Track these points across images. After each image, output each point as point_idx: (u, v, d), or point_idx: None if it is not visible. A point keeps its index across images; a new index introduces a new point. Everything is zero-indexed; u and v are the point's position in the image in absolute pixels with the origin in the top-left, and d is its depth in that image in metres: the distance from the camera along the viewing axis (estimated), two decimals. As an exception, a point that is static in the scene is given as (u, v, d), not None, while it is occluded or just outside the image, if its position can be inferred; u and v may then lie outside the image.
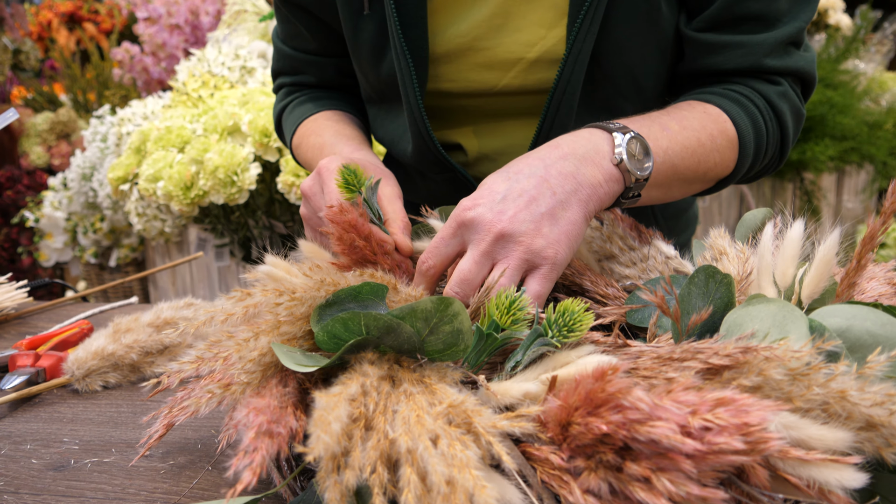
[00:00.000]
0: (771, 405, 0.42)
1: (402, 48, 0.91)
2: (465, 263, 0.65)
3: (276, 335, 0.53)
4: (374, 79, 1.01)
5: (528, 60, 0.92)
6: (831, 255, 0.55)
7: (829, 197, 3.40)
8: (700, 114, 0.86)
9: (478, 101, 0.98)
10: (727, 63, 0.91)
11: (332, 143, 0.99)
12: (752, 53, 0.90)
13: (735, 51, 0.90)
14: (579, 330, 0.51)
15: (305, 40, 1.10)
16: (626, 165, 0.72)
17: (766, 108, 0.91)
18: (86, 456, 0.69)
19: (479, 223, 0.66)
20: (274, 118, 1.21)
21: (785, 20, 0.89)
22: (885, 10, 4.13)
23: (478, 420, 0.45)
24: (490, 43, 0.93)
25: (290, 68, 1.17)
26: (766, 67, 0.91)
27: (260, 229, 2.04)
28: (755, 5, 0.88)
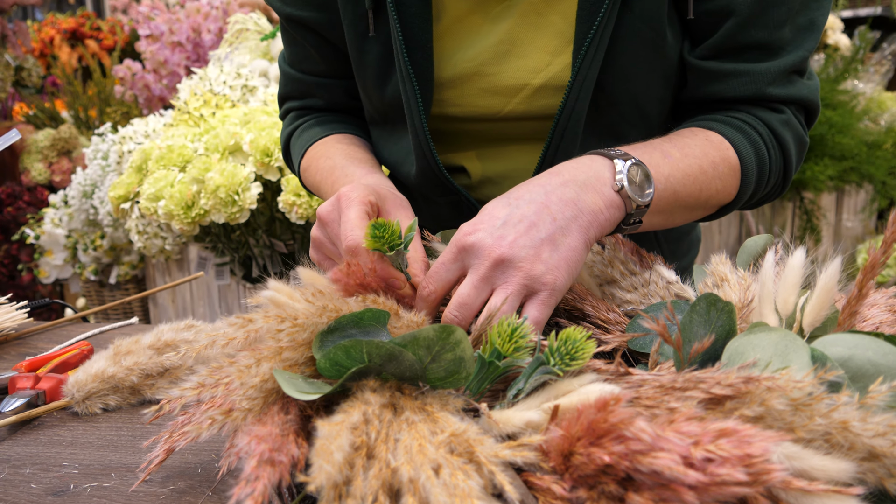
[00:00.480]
0: (773, 436, 0.42)
1: (408, 72, 0.91)
2: (464, 288, 0.65)
3: (278, 361, 0.53)
4: (379, 100, 1.02)
5: (534, 87, 0.93)
6: (833, 283, 0.55)
7: (829, 216, 3.40)
8: (702, 141, 0.87)
9: (482, 125, 0.98)
10: (730, 91, 0.91)
11: (342, 166, 0.98)
12: (755, 82, 0.90)
13: (738, 79, 0.90)
14: (581, 358, 0.51)
15: (313, 62, 1.10)
16: (627, 192, 0.72)
17: (769, 136, 0.92)
18: (85, 480, 0.69)
19: (479, 248, 0.66)
20: (282, 144, 1.20)
21: (788, 49, 0.90)
22: (883, 31, 4.16)
23: (480, 449, 0.45)
24: (495, 69, 0.93)
25: (297, 92, 1.16)
26: (770, 96, 0.91)
27: (260, 248, 2.05)
28: (759, 34, 0.88)
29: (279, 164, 1.91)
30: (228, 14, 3.53)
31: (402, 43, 0.90)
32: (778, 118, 0.92)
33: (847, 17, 4.62)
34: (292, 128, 1.16)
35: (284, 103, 1.20)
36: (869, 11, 4.81)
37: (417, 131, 0.95)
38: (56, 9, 7.62)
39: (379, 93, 1.00)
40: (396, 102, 0.99)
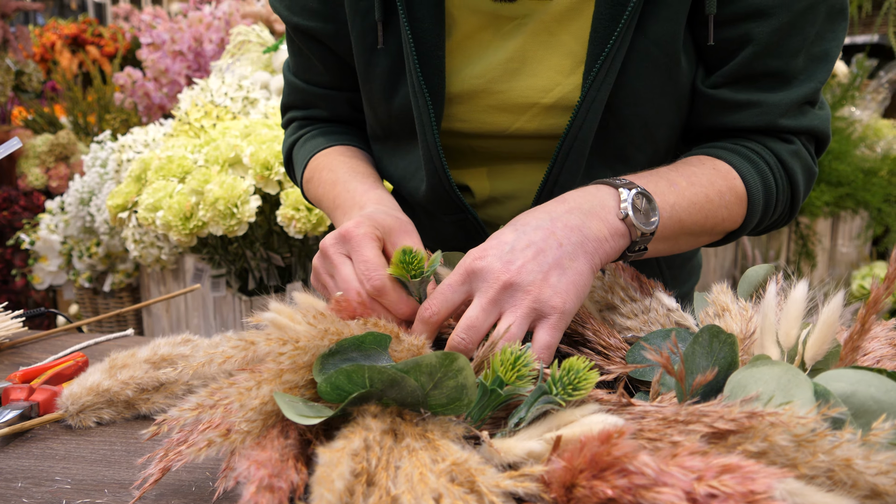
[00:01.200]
0: (776, 472, 0.42)
1: (421, 86, 0.91)
2: (472, 311, 0.65)
3: (279, 384, 0.53)
4: (385, 113, 1.01)
5: (543, 106, 0.93)
6: (835, 317, 0.55)
7: (825, 241, 3.42)
8: (709, 170, 0.87)
9: (489, 142, 0.98)
10: (743, 122, 0.92)
11: (345, 181, 0.98)
12: (767, 113, 0.90)
13: (751, 110, 0.91)
14: (584, 388, 0.51)
15: (318, 73, 1.09)
16: (632, 220, 0.73)
17: (777, 166, 0.92)
18: (78, 496, 0.68)
19: (487, 272, 0.67)
20: (283, 153, 1.20)
21: (801, 78, 0.90)
22: (880, 59, 4.19)
23: (481, 479, 0.45)
24: (505, 86, 0.93)
25: (301, 102, 1.16)
26: (781, 127, 0.91)
27: (257, 261, 2.04)
28: (774, 63, 0.88)
29: (279, 178, 1.90)
30: (231, 25, 3.54)
31: (416, 57, 0.90)
32: (787, 148, 0.93)
33: (844, 44, 4.65)
34: (295, 137, 1.15)
35: (287, 112, 1.20)
36: (866, 39, 4.85)
37: (430, 146, 0.94)
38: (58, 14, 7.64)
39: (385, 105, 0.99)
40: (403, 116, 0.98)
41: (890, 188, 3.23)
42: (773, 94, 0.90)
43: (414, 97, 0.93)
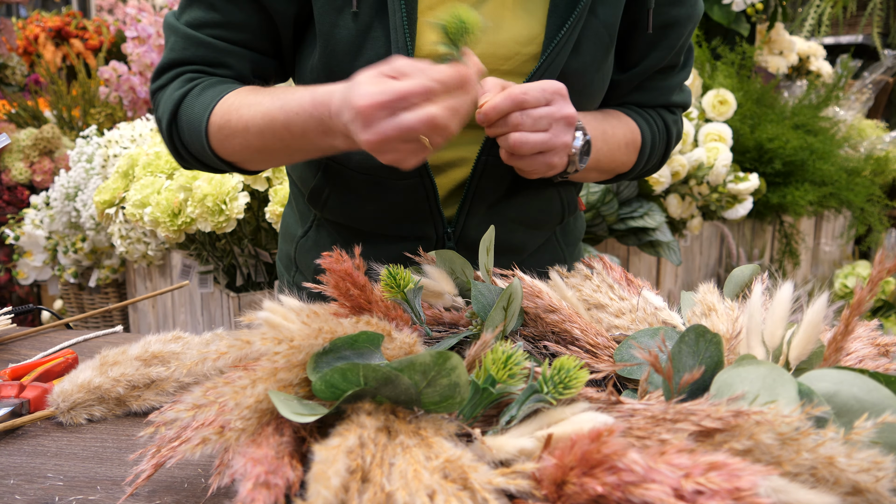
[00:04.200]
0: (761, 469, 0.43)
1: (406, 45, 0.93)
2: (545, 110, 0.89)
3: (273, 382, 0.53)
4: (344, 76, 0.97)
5: (501, 72, 1.00)
6: (819, 318, 0.56)
7: (808, 240, 3.45)
8: (623, 123, 1.11)
9: None
10: (649, 101, 1.18)
11: (286, 93, 0.92)
12: (665, 94, 1.18)
13: (654, 92, 1.17)
14: (574, 387, 0.52)
15: (233, 30, 1.01)
16: (575, 159, 0.95)
17: (662, 128, 1.19)
18: (70, 493, 0.69)
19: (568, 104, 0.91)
20: (168, 109, 1.02)
21: (683, 65, 1.17)
22: (864, 59, 4.23)
23: (474, 476, 0.46)
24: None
25: (200, 58, 1.02)
26: (671, 103, 1.19)
27: (245, 257, 2.04)
28: (673, 57, 1.13)
29: (267, 174, 1.90)
30: (217, 20, 3.52)
31: (405, 17, 0.93)
32: (671, 118, 1.20)
33: (829, 43, 4.69)
34: (190, 87, 1.01)
35: (173, 68, 1.04)
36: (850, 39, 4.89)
37: None
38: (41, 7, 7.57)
39: (347, 67, 0.97)
40: None
41: (873, 188, 3.27)
42: (669, 79, 1.17)
43: (397, 53, 0.94)
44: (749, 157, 2.98)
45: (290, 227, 1.25)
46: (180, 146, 1.04)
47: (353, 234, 1.12)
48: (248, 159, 1.01)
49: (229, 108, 0.95)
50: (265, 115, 0.92)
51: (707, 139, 2.77)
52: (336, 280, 0.67)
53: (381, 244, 1.09)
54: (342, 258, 0.67)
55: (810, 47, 3.82)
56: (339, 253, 0.68)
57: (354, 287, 0.67)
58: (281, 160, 1.02)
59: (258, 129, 0.93)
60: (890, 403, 0.51)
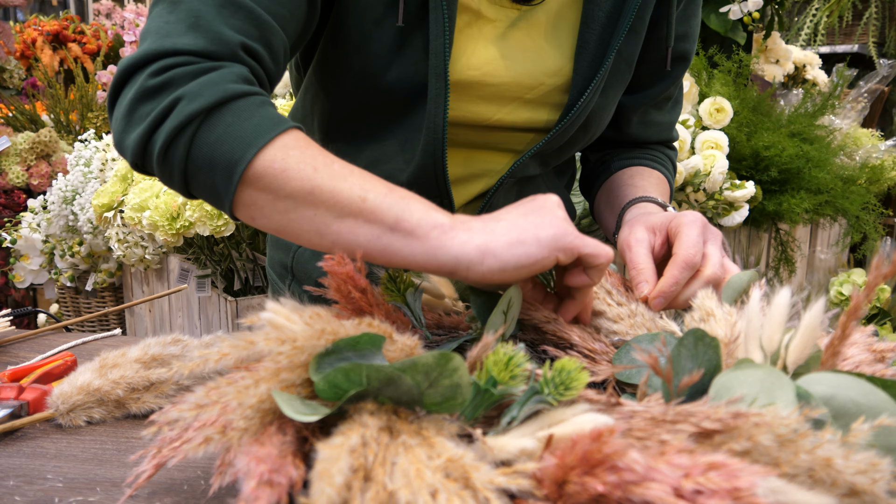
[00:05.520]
0: (760, 470, 0.44)
1: (445, 68, 0.92)
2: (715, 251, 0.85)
3: (276, 382, 0.54)
4: (367, 93, 0.97)
5: (524, 100, 1.01)
6: (817, 322, 0.57)
7: (803, 248, 3.46)
8: (657, 180, 1.14)
9: (464, 131, 1.02)
10: (654, 136, 1.21)
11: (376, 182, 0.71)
12: (666, 130, 1.22)
13: (656, 127, 1.20)
14: (575, 388, 0.52)
15: (281, 4, 0.81)
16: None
17: (672, 169, 1.22)
18: (70, 494, 0.69)
19: (713, 228, 0.87)
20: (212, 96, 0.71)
21: (675, 99, 1.21)
22: (860, 69, 4.25)
23: (476, 475, 0.46)
24: (496, 80, 0.98)
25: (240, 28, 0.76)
26: (672, 138, 1.24)
27: (243, 261, 2.04)
28: (673, 91, 1.17)
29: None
30: (216, 25, 3.53)
31: (446, 39, 0.91)
32: (672, 154, 1.25)
33: (825, 52, 4.72)
34: (252, 90, 0.74)
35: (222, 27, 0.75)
36: (846, 48, 4.92)
37: (437, 131, 0.95)
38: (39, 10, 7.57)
39: (374, 80, 0.95)
40: (388, 97, 0.97)
41: (868, 196, 3.28)
42: (668, 114, 1.20)
43: (433, 78, 0.93)
44: (745, 165, 2.99)
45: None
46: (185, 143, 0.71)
47: None
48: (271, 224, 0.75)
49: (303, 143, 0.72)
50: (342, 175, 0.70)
51: (704, 147, 2.78)
52: (338, 283, 0.68)
53: None
54: (344, 261, 0.68)
55: (806, 56, 3.84)
56: (340, 256, 0.68)
57: (356, 290, 0.68)
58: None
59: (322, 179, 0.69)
60: (886, 406, 0.51)
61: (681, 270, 0.82)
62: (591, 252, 0.67)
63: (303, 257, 1.17)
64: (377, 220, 0.67)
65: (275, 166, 0.69)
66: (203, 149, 0.71)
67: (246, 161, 0.69)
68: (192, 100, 0.70)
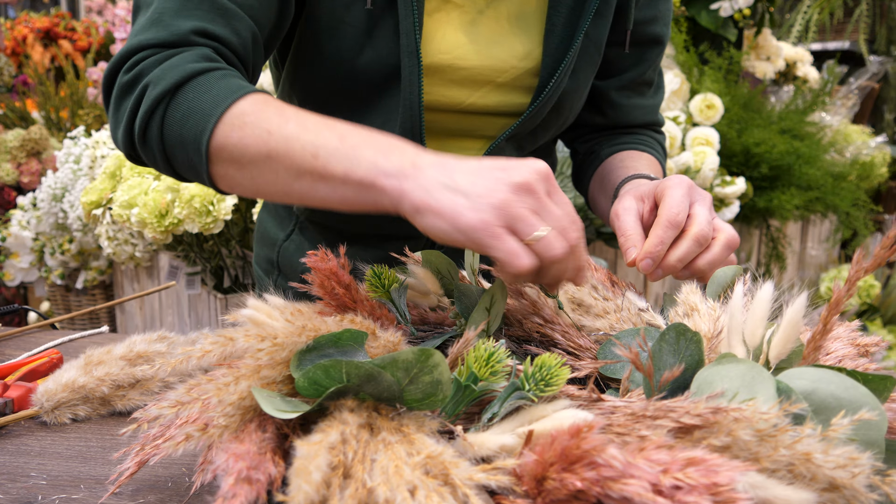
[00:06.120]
0: (739, 465, 0.44)
1: (416, 48, 0.94)
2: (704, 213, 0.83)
3: (257, 379, 0.54)
4: (341, 77, 0.97)
5: (497, 84, 1.03)
6: (799, 317, 0.57)
7: (794, 244, 3.47)
8: (648, 161, 1.14)
9: (439, 116, 1.04)
10: (638, 119, 1.21)
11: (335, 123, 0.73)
12: (650, 113, 1.22)
13: (639, 110, 1.20)
14: (555, 384, 0.52)
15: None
16: None
17: (661, 152, 1.23)
18: (54, 492, 0.68)
19: (701, 190, 0.86)
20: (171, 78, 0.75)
21: (658, 85, 1.23)
22: (850, 65, 4.27)
23: (455, 472, 0.46)
24: (467, 63, 1.01)
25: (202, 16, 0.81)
26: (657, 121, 1.24)
27: (233, 259, 2.04)
28: (652, 75, 1.19)
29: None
30: (207, 22, 3.51)
31: (416, 19, 0.93)
32: (661, 138, 1.25)
33: (816, 49, 4.73)
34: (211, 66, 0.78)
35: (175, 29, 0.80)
36: (837, 45, 4.93)
37: (413, 111, 0.97)
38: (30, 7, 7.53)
39: (348, 64, 0.96)
40: (365, 77, 0.97)
41: (858, 193, 3.29)
42: (651, 98, 1.21)
43: (405, 58, 0.94)
44: (736, 162, 3.00)
45: (269, 230, 1.21)
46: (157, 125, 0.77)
47: (338, 236, 1.12)
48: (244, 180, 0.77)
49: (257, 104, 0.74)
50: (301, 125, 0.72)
51: (694, 143, 2.78)
52: (321, 279, 0.68)
53: (369, 245, 1.09)
54: (327, 257, 0.68)
55: (797, 53, 3.84)
56: (324, 252, 0.68)
57: (339, 286, 0.68)
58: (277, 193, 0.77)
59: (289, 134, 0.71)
60: (866, 401, 0.51)
61: (664, 230, 0.80)
62: (500, 259, 0.61)
63: (287, 251, 1.17)
64: (329, 175, 0.68)
65: (232, 137, 0.72)
66: (174, 128, 0.76)
67: (208, 135, 0.73)
68: (157, 84, 0.76)
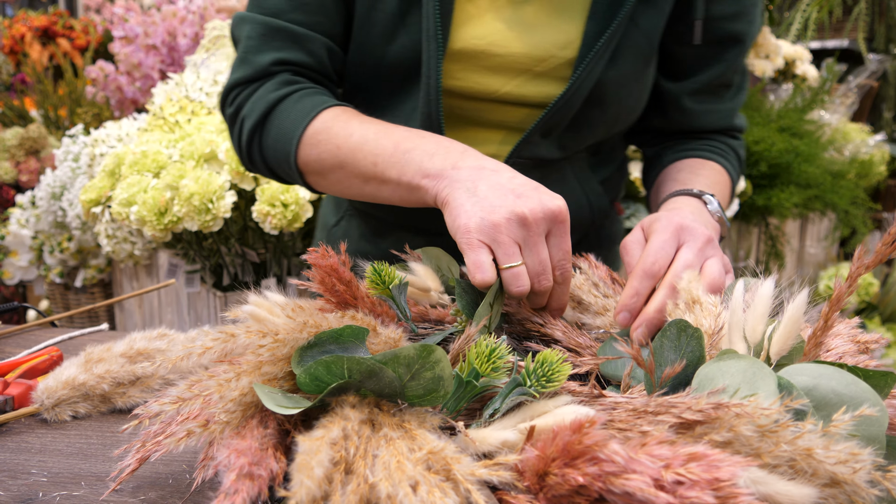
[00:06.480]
0: (741, 461, 0.44)
1: (436, 31, 0.92)
2: (688, 255, 0.78)
3: (258, 375, 0.54)
4: (375, 62, 1.00)
5: (534, 73, 0.99)
6: (800, 314, 0.57)
7: (793, 242, 3.47)
8: (712, 170, 1.09)
9: (472, 104, 1.02)
10: (709, 125, 1.14)
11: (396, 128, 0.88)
12: (726, 117, 1.14)
13: (714, 115, 1.13)
14: (557, 380, 0.52)
15: (307, 11, 0.98)
16: (723, 219, 0.96)
17: (735, 159, 1.17)
18: (54, 489, 0.68)
19: (694, 230, 0.81)
20: (258, 110, 0.97)
21: (739, 87, 1.15)
22: (849, 64, 4.27)
23: (457, 467, 0.46)
24: (503, 50, 0.98)
25: (280, 46, 0.99)
26: (734, 127, 1.17)
27: (232, 256, 2.04)
28: (731, 77, 1.11)
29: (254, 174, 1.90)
30: (205, 19, 3.51)
31: (438, 7, 0.92)
32: (738, 143, 1.18)
33: (815, 48, 4.73)
34: (288, 91, 0.96)
35: (257, 64, 0.99)
36: (836, 44, 4.93)
37: (430, 92, 0.95)
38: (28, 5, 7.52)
39: (380, 52, 0.98)
40: (396, 65, 0.99)
41: (857, 191, 3.29)
42: (727, 101, 1.14)
43: (426, 42, 0.94)
44: (735, 160, 2.99)
45: (325, 215, 1.27)
46: (257, 150, 0.99)
47: (380, 224, 1.14)
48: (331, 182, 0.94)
49: (326, 122, 0.91)
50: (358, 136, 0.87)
51: (694, 141, 2.78)
52: (322, 275, 0.68)
53: (407, 236, 1.10)
54: (328, 253, 0.68)
55: (796, 51, 3.84)
56: (324, 248, 0.68)
57: (340, 282, 0.68)
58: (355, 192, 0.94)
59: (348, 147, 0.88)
60: (867, 397, 0.51)
61: (640, 280, 0.76)
62: (468, 266, 0.71)
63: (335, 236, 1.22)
64: (387, 179, 0.83)
65: (311, 154, 0.91)
66: (269, 151, 0.96)
67: (293, 155, 0.92)
68: (249, 116, 0.96)
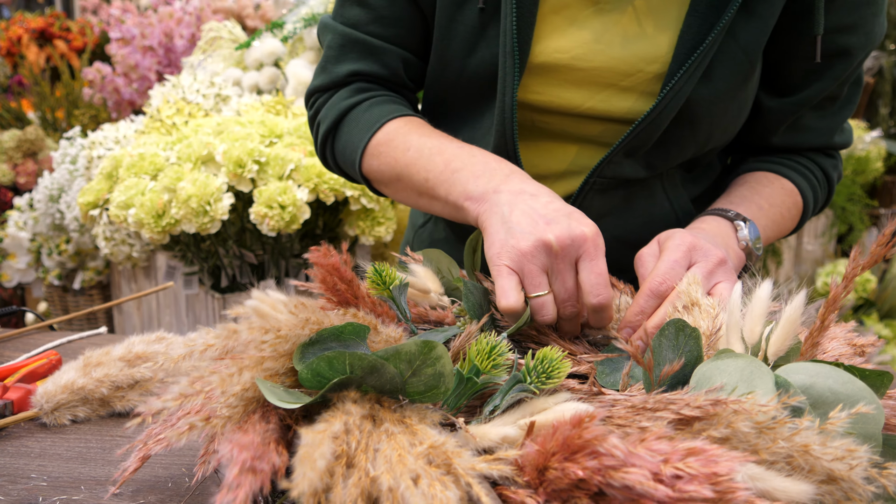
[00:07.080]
0: (738, 456, 0.44)
1: (514, 47, 0.90)
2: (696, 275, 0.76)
3: (260, 371, 0.54)
4: (454, 74, 0.99)
5: (620, 88, 0.94)
6: (797, 315, 0.57)
7: (791, 239, 3.49)
8: (779, 189, 1.03)
9: (554, 118, 0.98)
10: (806, 143, 1.06)
11: (457, 144, 0.91)
12: (825, 135, 1.06)
13: (813, 132, 1.05)
14: (557, 377, 0.52)
15: (385, 25, 1.01)
16: (751, 248, 0.92)
17: (822, 179, 1.08)
18: (54, 493, 0.68)
19: (707, 249, 0.79)
20: (331, 117, 1.04)
21: (846, 101, 1.04)
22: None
23: (457, 461, 0.46)
24: (587, 65, 0.94)
25: (358, 57, 1.03)
26: (832, 145, 1.07)
27: (230, 258, 2.04)
28: (837, 90, 1.01)
29: (251, 176, 1.90)
30: (202, 20, 3.52)
31: (515, 17, 0.90)
32: (830, 162, 1.09)
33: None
34: (358, 100, 1.02)
35: (335, 72, 1.05)
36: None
37: (505, 108, 0.94)
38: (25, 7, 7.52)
39: (459, 65, 0.98)
40: (475, 79, 0.98)
41: (854, 188, 3.30)
42: (831, 118, 1.04)
43: (503, 58, 0.92)
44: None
45: (415, 215, 1.25)
46: (330, 154, 1.07)
47: (463, 229, 1.12)
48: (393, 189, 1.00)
49: (389, 134, 0.97)
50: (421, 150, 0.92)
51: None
52: (323, 275, 0.68)
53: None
54: (330, 253, 0.68)
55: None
56: (326, 248, 0.68)
57: (341, 282, 0.68)
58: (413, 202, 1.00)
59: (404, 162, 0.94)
60: (864, 395, 0.52)
61: (646, 299, 0.76)
62: (496, 290, 0.73)
63: (421, 237, 1.21)
64: (436, 196, 0.88)
65: (373, 164, 0.98)
66: (340, 157, 1.05)
67: (358, 164, 1.00)
68: (324, 121, 1.04)
